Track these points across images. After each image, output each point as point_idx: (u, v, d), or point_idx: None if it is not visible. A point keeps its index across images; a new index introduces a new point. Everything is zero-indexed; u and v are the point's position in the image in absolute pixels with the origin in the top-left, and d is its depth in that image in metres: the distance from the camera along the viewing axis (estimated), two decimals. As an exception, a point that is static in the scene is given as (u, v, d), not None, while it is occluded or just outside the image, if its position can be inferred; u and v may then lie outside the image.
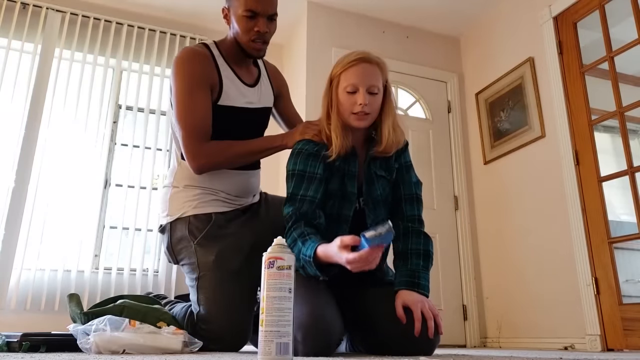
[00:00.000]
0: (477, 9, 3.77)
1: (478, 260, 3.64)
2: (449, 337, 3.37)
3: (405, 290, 1.41)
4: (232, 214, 1.74)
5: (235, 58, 1.77)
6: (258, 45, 1.73)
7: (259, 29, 1.68)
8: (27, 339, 1.32)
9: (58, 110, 3.32)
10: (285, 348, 1.03)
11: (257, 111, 1.81)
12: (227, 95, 1.71)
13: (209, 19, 3.76)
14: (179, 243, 1.69)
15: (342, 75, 1.49)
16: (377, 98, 1.49)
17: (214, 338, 1.56)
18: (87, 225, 3.20)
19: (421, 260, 1.48)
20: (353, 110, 1.46)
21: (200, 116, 1.64)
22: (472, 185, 3.80)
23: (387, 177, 1.56)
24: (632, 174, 2.66)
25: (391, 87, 1.57)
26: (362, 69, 1.47)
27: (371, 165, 1.54)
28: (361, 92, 1.45)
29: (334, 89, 1.51)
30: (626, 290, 2.72)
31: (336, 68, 1.52)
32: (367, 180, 1.54)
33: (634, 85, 3.29)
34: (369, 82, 1.46)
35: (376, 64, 1.49)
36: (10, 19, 3.33)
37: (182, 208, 1.71)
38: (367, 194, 1.53)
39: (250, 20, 1.67)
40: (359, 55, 1.48)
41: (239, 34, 1.71)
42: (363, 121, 1.48)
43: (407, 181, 1.59)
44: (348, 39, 3.72)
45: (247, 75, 1.81)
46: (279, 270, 1.06)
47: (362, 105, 1.44)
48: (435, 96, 3.92)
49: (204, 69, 1.68)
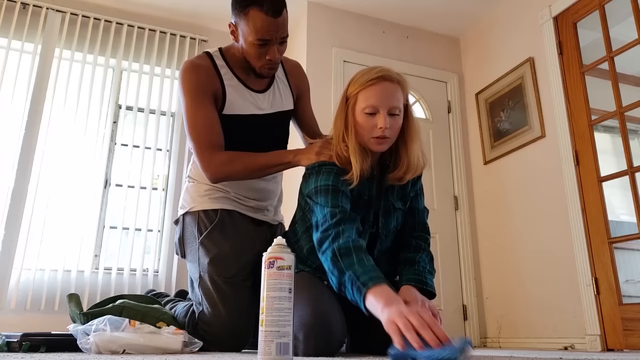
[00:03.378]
0: (477, 9, 3.77)
1: (478, 260, 3.64)
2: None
3: (407, 287, 1.41)
4: (240, 216, 1.73)
5: (242, 66, 1.72)
6: (269, 71, 1.70)
7: (271, 57, 1.63)
8: (27, 339, 1.32)
9: (58, 110, 3.32)
10: (285, 348, 1.03)
11: (269, 117, 1.76)
12: (231, 104, 1.69)
13: (209, 19, 3.76)
14: (188, 238, 1.72)
15: (360, 95, 1.36)
16: (398, 120, 1.38)
17: (215, 339, 1.56)
18: (87, 225, 3.20)
19: (428, 266, 1.49)
20: (373, 134, 1.35)
21: (206, 126, 1.63)
22: (472, 185, 3.80)
23: (402, 208, 1.50)
24: (632, 174, 2.66)
25: (412, 107, 1.46)
26: (383, 88, 1.34)
27: (389, 197, 1.46)
28: (382, 115, 1.33)
29: (350, 108, 1.39)
30: (626, 290, 2.72)
31: (353, 86, 1.39)
32: (384, 212, 1.46)
33: (634, 85, 3.29)
34: (390, 104, 1.34)
35: (397, 82, 1.37)
36: (10, 19, 3.33)
37: (194, 202, 1.74)
38: (384, 226, 1.46)
39: (262, 48, 1.62)
40: (379, 73, 1.36)
41: (249, 57, 1.66)
42: (383, 145, 1.37)
43: (420, 210, 1.55)
44: (348, 39, 3.72)
45: (256, 81, 1.75)
46: (279, 270, 1.06)
47: (382, 129, 1.33)
48: (435, 96, 3.92)
49: (205, 80, 1.66)
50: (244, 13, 1.58)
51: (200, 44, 3.78)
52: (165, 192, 3.50)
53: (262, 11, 1.55)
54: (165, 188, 3.51)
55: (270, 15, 1.56)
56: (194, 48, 3.75)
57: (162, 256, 3.36)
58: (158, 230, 3.43)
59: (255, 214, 1.78)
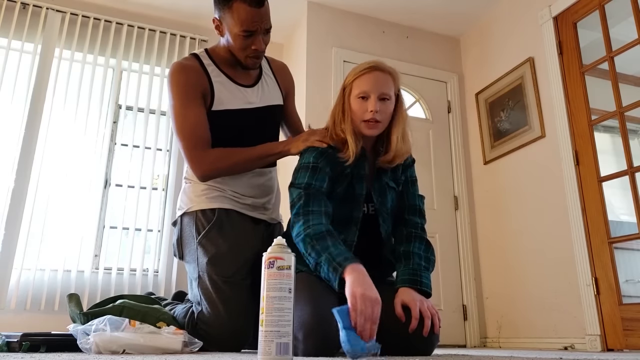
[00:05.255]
0: (477, 9, 3.77)
1: (478, 260, 3.64)
2: (449, 337, 3.37)
3: (405, 289, 1.42)
4: (238, 215, 1.74)
5: (229, 62, 1.77)
6: (255, 61, 1.75)
7: (257, 47, 1.68)
8: (27, 339, 1.32)
9: (58, 110, 3.33)
10: (285, 348, 1.03)
11: (259, 110, 1.80)
12: (220, 100, 1.71)
13: (209, 19, 3.71)
14: (186, 239, 1.73)
15: (355, 83, 1.51)
16: (389, 105, 1.51)
17: (214, 338, 1.56)
18: (87, 225, 3.20)
19: (422, 261, 1.50)
20: (364, 117, 1.48)
21: (195, 126, 1.66)
22: (472, 185, 3.80)
23: (396, 188, 1.60)
24: (632, 174, 2.66)
25: (403, 98, 1.58)
26: (374, 76, 1.49)
27: (383, 177, 1.56)
28: (372, 99, 1.47)
29: (347, 96, 1.53)
30: (626, 290, 2.72)
31: (349, 77, 1.54)
32: (379, 191, 1.56)
33: (634, 85, 3.29)
34: (380, 89, 1.48)
35: (388, 72, 1.52)
36: (10, 19, 3.33)
37: (191, 202, 1.75)
38: (381, 204, 1.55)
39: (247, 39, 1.67)
40: (371, 63, 1.51)
41: (235, 49, 1.71)
42: (374, 129, 1.50)
43: (411, 193, 1.63)
44: (348, 39, 3.72)
45: (244, 76, 1.80)
46: (279, 270, 1.06)
47: (372, 112, 1.46)
48: (435, 96, 3.92)
49: (193, 79, 1.69)
50: (227, 7, 1.65)
51: (200, 44, 3.78)
52: (165, 192, 3.50)
53: (245, 3, 1.62)
54: (165, 188, 3.51)
55: (254, 6, 1.63)
56: (194, 48, 3.75)
57: (162, 256, 3.36)
58: (158, 230, 3.43)
59: (253, 212, 1.78)
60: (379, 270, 1.60)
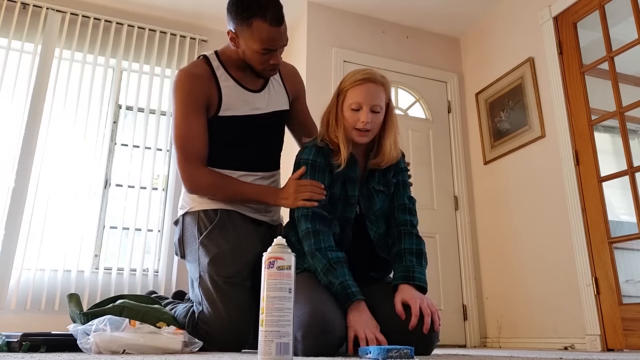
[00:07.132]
0: (477, 9, 3.77)
1: (478, 260, 3.64)
2: (449, 337, 3.37)
3: (404, 286, 1.46)
4: (240, 216, 1.74)
5: (239, 65, 1.75)
6: (271, 73, 1.77)
7: (275, 62, 1.70)
8: (27, 339, 1.32)
9: (58, 110, 3.33)
10: (285, 348, 1.03)
11: (265, 116, 1.78)
12: (227, 105, 1.71)
13: (209, 19, 3.76)
14: (188, 238, 1.73)
15: (349, 92, 1.57)
16: (379, 116, 1.58)
17: (215, 338, 1.56)
18: (87, 225, 3.20)
19: (414, 257, 1.54)
20: (356, 126, 1.55)
21: (192, 139, 1.66)
22: (472, 185, 3.80)
23: (385, 191, 1.65)
24: (632, 174, 2.66)
25: (393, 105, 1.66)
26: (367, 88, 1.55)
27: (370, 181, 1.62)
28: (364, 111, 1.53)
29: (341, 102, 1.59)
30: (626, 290, 2.72)
31: (344, 83, 1.60)
32: (367, 195, 1.62)
33: (634, 85, 3.29)
34: (372, 102, 1.54)
35: (381, 84, 1.57)
36: (10, 19, 3.34)
37: (193, 202, 1.75)
38: (368, 207, 1.61)
39: (266, 55, 1.67)
40: (365, 75, 1.57)
41: (252, 62, 1.70)
42: (364, 137, 1.57)
43: (401, 194, 1.68)
44: (348, 39, 3.72)
45: (252, 81, 1.78)
46: (279, 270, 1.06)
47: (364, 123, 1.53)
48: (435, 96, 3.92)
49: (197, 88, 1.67)
50: (247, 24, 1.62)
51: (200, 44, 3.78)
52: (165, 192, 3.50)
53: (266, 22, 1.60)
54: (165, 188, 3.51)
55: (274, 25, 1.62)
56: (194, 48, 3.75)
57: (162, 256, 3.36)
58: (158, 230, 3.43)
59: (255, 213, 1.78)
60: (375, 270, 1.64)
